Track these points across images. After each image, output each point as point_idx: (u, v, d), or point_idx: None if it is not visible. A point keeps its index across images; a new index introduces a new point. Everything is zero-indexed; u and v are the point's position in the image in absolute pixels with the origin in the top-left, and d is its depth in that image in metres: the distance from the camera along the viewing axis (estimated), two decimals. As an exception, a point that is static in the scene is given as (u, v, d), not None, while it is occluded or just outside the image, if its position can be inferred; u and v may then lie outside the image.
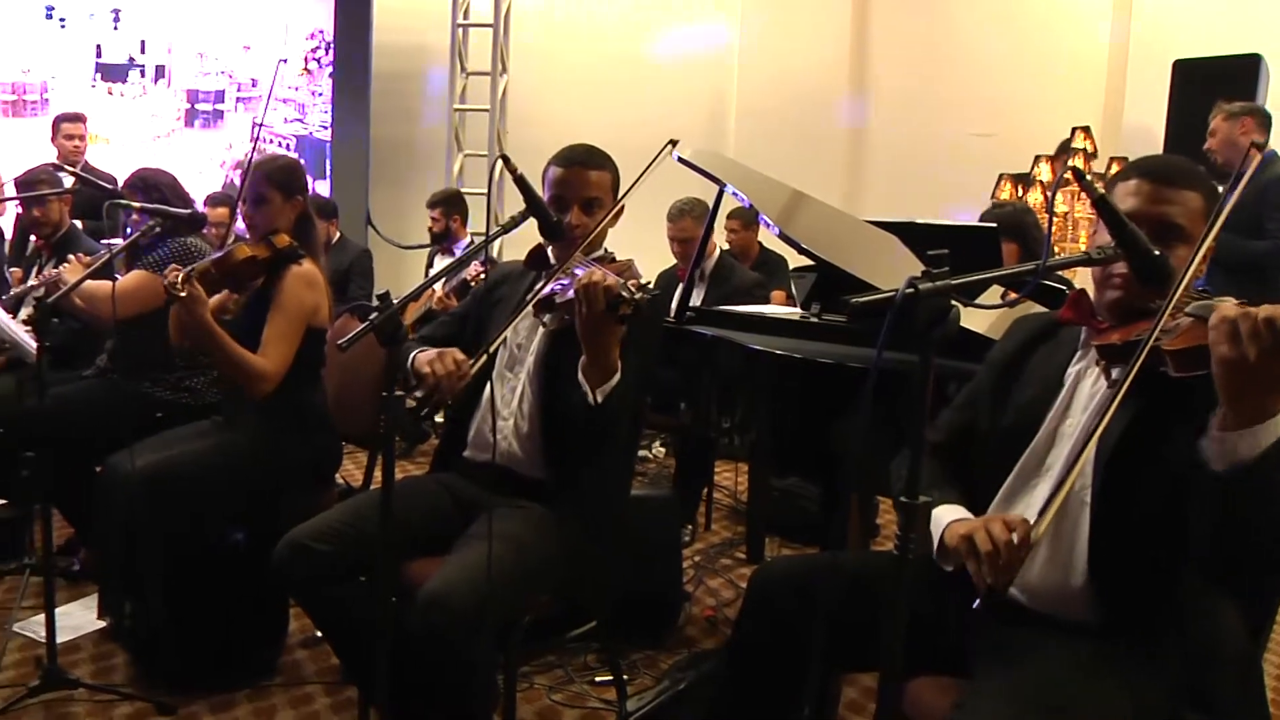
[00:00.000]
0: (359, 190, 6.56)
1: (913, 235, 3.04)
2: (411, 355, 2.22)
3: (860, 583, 1.84)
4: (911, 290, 1.37)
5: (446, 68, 6.74)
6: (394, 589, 2.03)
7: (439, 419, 5.74)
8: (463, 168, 6.75)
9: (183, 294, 2.62)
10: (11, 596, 3.34)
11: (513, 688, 2.33)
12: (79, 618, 3.20)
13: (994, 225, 3.28)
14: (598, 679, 2.93)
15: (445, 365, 2.11)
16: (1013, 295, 3.02)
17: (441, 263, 5.69)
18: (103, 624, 3.17)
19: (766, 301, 4.54)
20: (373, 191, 6.75)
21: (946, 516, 1.74)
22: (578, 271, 2.09)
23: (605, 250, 2.38)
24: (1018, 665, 1.62)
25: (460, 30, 6.70)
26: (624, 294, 1.94)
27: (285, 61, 2.64)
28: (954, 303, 1.41)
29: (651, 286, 2.00)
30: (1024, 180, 6.11)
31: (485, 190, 6.49)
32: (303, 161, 4.38)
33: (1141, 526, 1.63)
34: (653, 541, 3.14)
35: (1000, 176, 6.17)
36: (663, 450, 5.36)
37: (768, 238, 5.64)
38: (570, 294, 2.03)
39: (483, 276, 4.01)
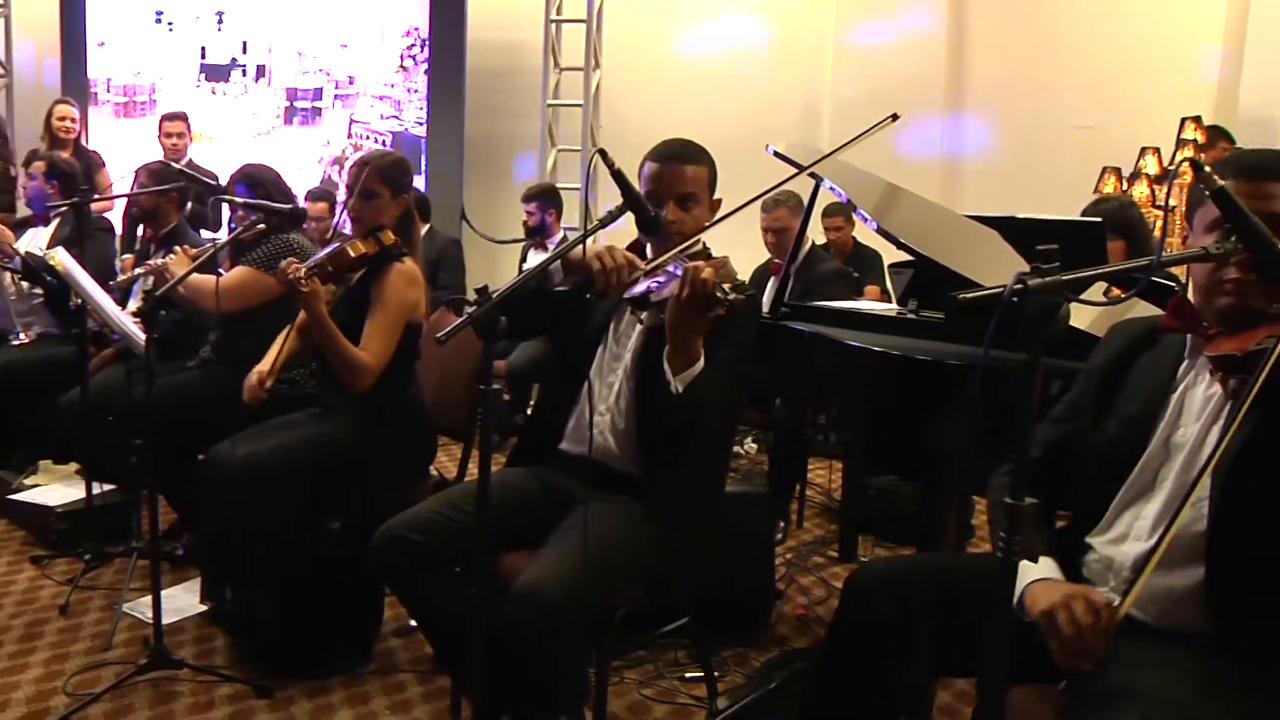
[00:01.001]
0: (453, 185, 6.64)
1: (1013, 230, 2.97)
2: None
3: (960, 586, 1.80)
4: (1021, 286, 1.33)
5: (540, 63, 6.78)
6: (488, 581, 2.04)
7: (530, 411, 5.80)
8: (556, 163, 6.79)
9: (307, 289, 2.69)
10: (121, 578, 3.46)
11: (604, 681, 2.34)
12: (182, 600, 3.31)
13: (1098, 220, 3.17)
14: (688, 675, 2.92)
15: (616, 259, 2.13)
16: (1116, 292, 2.94)
17: (535, 257, 5.72)
18: (204, 607, 3.27)
19: (848, 294, 4.47)
20: (467, 187, 6.82)
21: (1031, 572, 1.68)
22: (675, 269, 2.08)
23: (702, 245, 2.36)
24: (1127, 677, 1.57)
25: (553, 26, 6.74)
26: (719, 294, 1.93)
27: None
28: (1064, 300, 1.37)
29: (745, 285, 1.98)
30: (1126, 174, 5.93)
31: (579, 185, 6.53)
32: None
33: (1261, 540, 1.56)
34: (745, 538, 3.12)
35: (1103, 170, 5.99)
36: (754, 446, 5.32)
37: (862, 232, 5.57)
38: (666, 292, 2.02)
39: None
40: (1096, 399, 1.84)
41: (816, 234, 5.19)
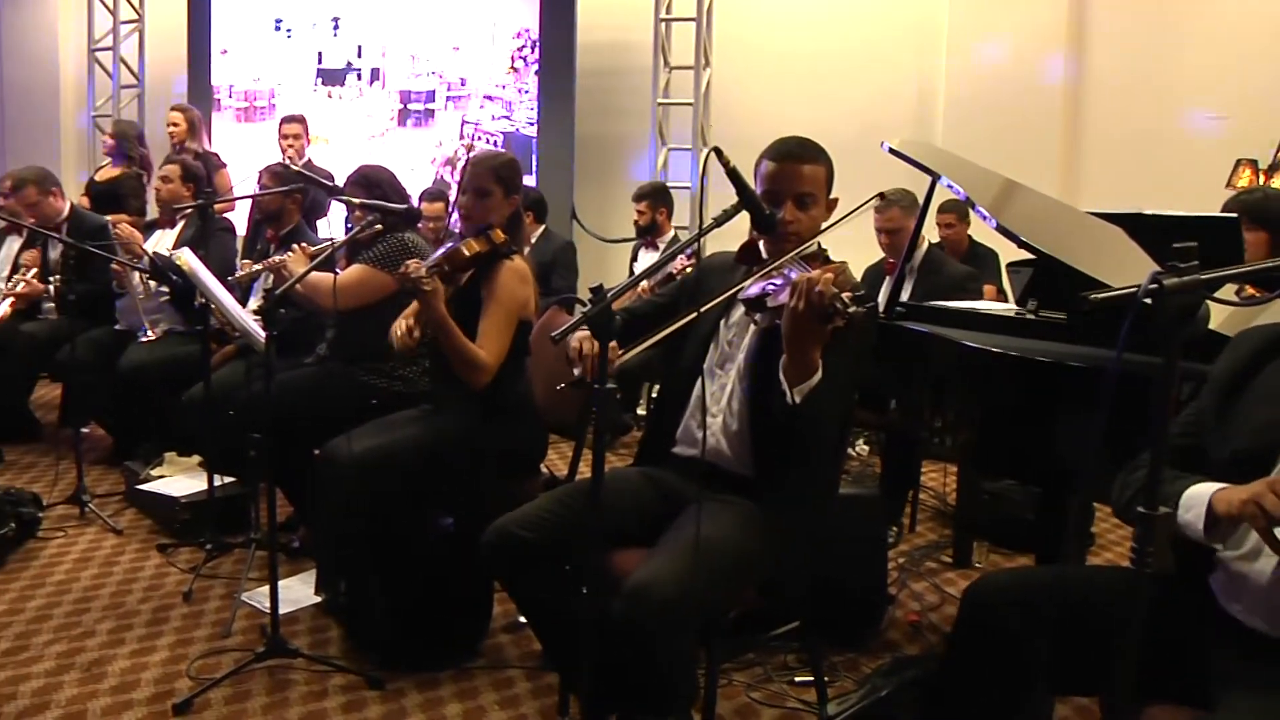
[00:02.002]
0: (564, 185, 6.68)
1: (1139, 227, 2.86)
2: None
3: (1085, 598, 1.74)
4: (1156, 286, 1.27)
5: (650, 63, 6.78)
6: (600, 579, 2.04)
7: (640, 411, 5.82)
8: (666, 161, 6.78)
9: (428, 288, 2.74)
10: (240, 568, 3.58)
11: (713, 683, 2.33)
12: (298, 591, 3.39)
13: (1233, 216, 3.03)
14: (797, 679, 2.89)
15: (593, 346, 2.11)
16: (1251, 291, 2.81)
17: (646, 256, 5.73)
18: (319, 599, 3.34)
19: (978, 296, 4.37)
20: (577, 186, 6.86)
21: (1205, 490, 1.60)
22: (791, 273, 2.05)
23: (819, 247, 2.32)
24: (1266, 699, 1.50)
25: (663, 25, 6.74)
26: (838, 305, 1.88)
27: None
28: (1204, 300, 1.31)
29: (865, 295, 1.93)
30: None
31: (690, 183, 6.51)
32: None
33: None
34: (857, 541, 3.07)
35: (1237, 162, 5.74)
36: (866, 448, 5.24)
37: (976, 230, 5.43)
38: (782, 298, 1.99)
39: (688, 269, 4.01)
40: (1221, 407, 1.76)
41: (929, 231, 5.07)
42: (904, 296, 3.97)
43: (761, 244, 2.38)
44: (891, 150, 3.14)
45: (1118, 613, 1.37)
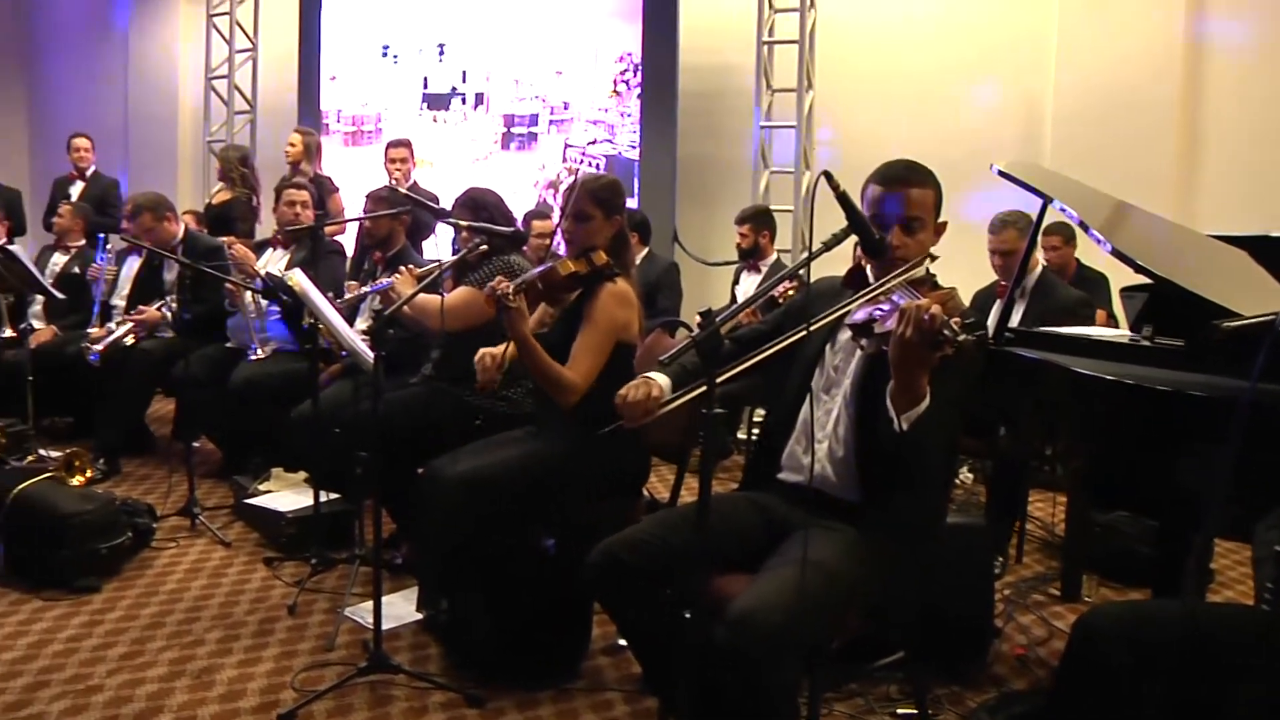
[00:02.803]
0: (666, 208, 6.70)
1: (1267, 250, 2.76)
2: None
3: (1205, 637, 1.68)
4: (1295, 313, 1.23)
5: (752, 85, 6.78)
6: (703, 603, 2.04)
7: (741, 435, 5.80)
8: (769, 185, 6.76)
9: (514, 305, 2.78)
10: (344, 583, 3.66)
11: (815, 713, 2.30)
12: (400, 608, 3.45)
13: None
14: (900, 711, 2.84)
15: (638, 393, 2.24)
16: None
17: (748, 279, 5.72)
18: (420, 616, 3.39)
19: (1090, 322, 4.26)
20: (679, 209, 6.88)
21: None
22: (898, 299, 2.03)
23: (926, 272, 2.29)
24: None
25: (765, 48, 6.73)
26: (947, 332, 1.85)
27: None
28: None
29: (975, 321, 1.90)
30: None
31: (792, 207, 6.49)
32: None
33: None
34: (963, 571, 3.01)
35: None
36: (970, 476, 5.14)
37: (1085, 253, 5.29)
38: (890, 324, 1.97)
39: (790, 293, 4.00)
40: None
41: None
42: (1014, 321, 3.88)
43: (868, 269, 2.36)
44: (1001, 172, 3.09)
45: (1244, 655, 1.32)
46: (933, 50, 6.81)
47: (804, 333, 2.14)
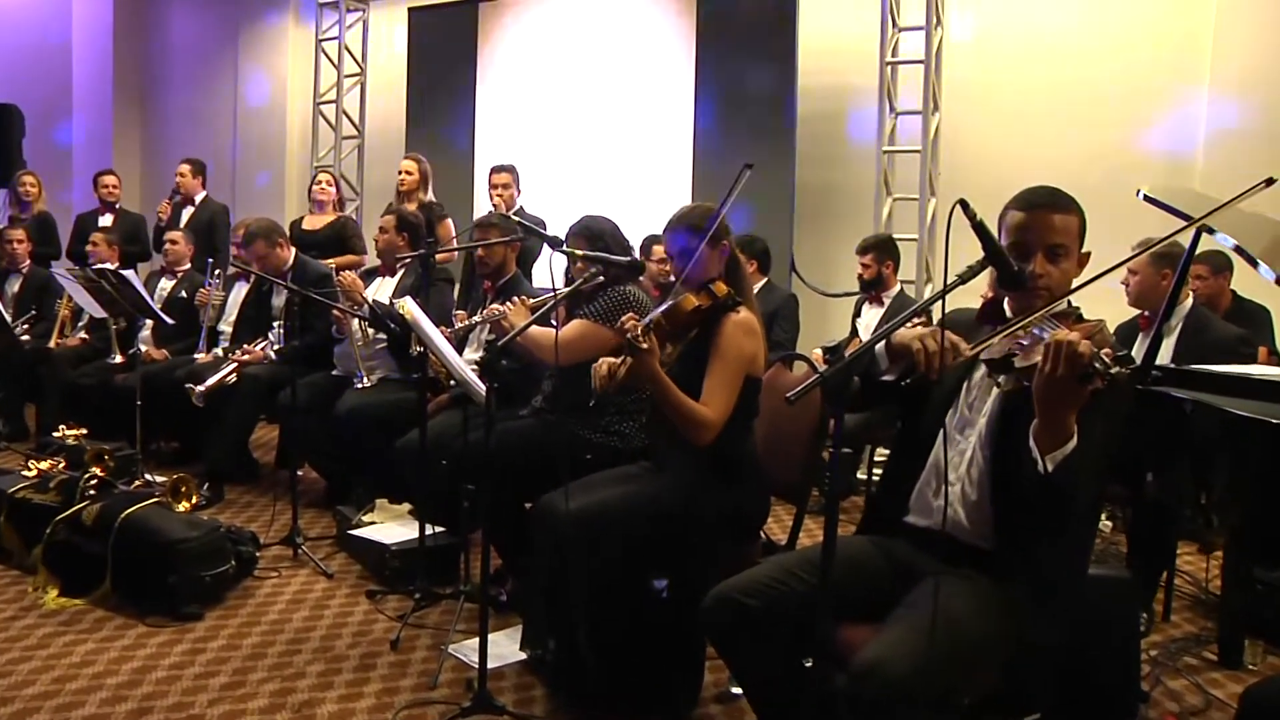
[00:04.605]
0: (783, 236, 6.66)
1: None
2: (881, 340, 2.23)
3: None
4: None
5: (874, 108, 6.73)
6: (826, 652, 2.02)
7: (861, 475, 5.72)
8: (892, 211, 6.69)
9: (644, 346, 2.79)
10: (447, 619, 3.71)
11: (945, 773, 2.24)
12: (503, 647, 3.47)
13: None
14: (1036, 777, 2.75)
15: (936, 340, 2.10)
16: None
17: (870, 312, 5.66)
18: (524, 655, 3.41)
19: (1251, 360, 4.09)
20: (797, 237, 6.85)
21: None
22: (1039, 332, 1.99)
23: (1069, 304, 2.24)
24: None
25: (889, 68, 6.67)
26: (1097, 365, 1.80)
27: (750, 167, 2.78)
28: None
29: (1127, 355, 1.85)
30: None
31: (916, 235, 6.41)
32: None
33: None
34: (1105, 628, 2.91)
35: None
36: (1109, 524, 4.97)
37: (1243, 284, 5.08)
38: (1034, 358, 1.93)
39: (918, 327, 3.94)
40: None
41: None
42: (1163, 359, 3.76)
43: (1005, 301, 2.32)
44: (1148, 198, 3.02)
45: None
46: (1070, 66, 6.62)
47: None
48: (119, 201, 7.84)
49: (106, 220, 7.66)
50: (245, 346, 5.55)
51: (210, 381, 5.22)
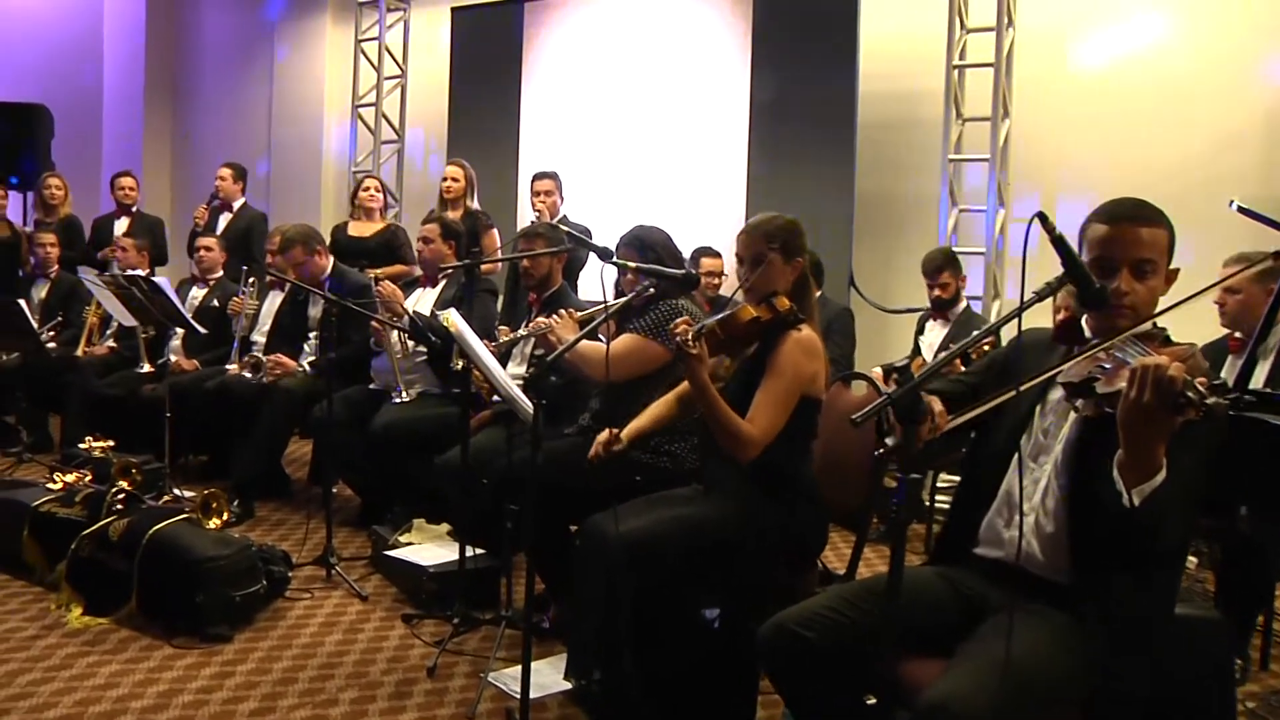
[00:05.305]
0: (842, 248, 6.62)
1: None
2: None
3: None
4: None
5: (939, 114, 6.68)
6: (890, 688, 2.00)
7: (926, 501, 5.66)
8: (957, 223, 6.63)
9: (694, 351, 2.80)
10: (487, 645, 3.72)
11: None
12: (546, 676, 3.47)
13: None
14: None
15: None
16: None
17: (934, 328, 5.62)
18: (568, 685, 3.40)
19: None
20: (856, 250, 6.80)
21: None
22: (1123, 356, 1.97)
23: (1154, 326, 2.22)
24: None
25: (956, 72, 6.63)
26: (1190, 394, 1.76)
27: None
28: None
29: (1221, 384, 1.81)
30: None
31: (983, 249, 6.35)
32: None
33: None
34: (1195, 673, 2.86)
35: None
36: (1193, 560, 4.88)
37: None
38: (1118, 384, 1.90)
39: (987, 347, 3.92)
40: None
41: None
42: (1257, 382, 3.68)
43: (1084, 320, 2.30)
44: (1241, 209, 2.98)
45: None
46: (1152, 67, 6.48)
47: (1012, 393, 2.09)
48: (136, 204, 7.95)
49: (123, 224, 7.79)
50: (279, 356, 5.60)
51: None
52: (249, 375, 5.49)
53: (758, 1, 7.17)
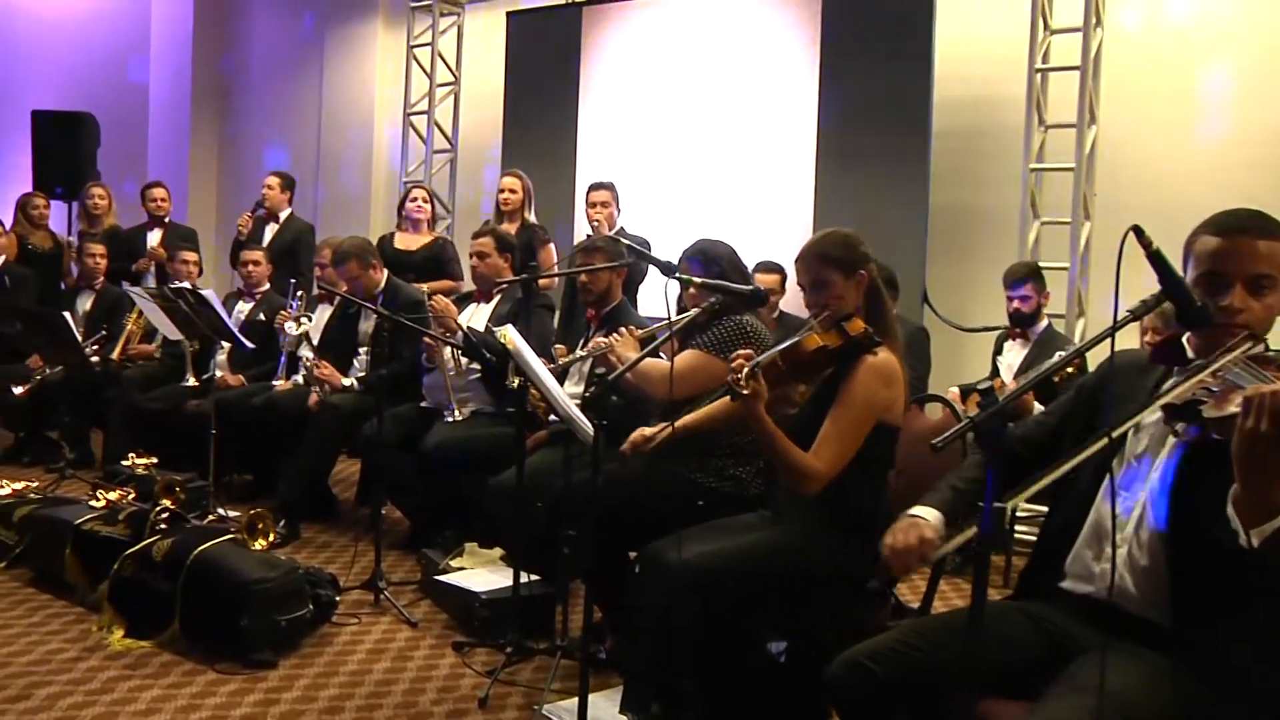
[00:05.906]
0: (915, 263, 6.54)
1: None
2: None
3: None
4: None
5: (1020, 121, 6.60)
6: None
7: (1017, 532, 5.59)
8: (1039, 236, 6.55)
9: (745, 392, 2.76)
10: (541, 676, 3.72)
11: None
12: (602, 709, 3.43)
13: None
14: None
15: (908, 539, 2.15)
16: None
17: (1013, 348, 5.55)
18: (625, 719, 3.40)
19: None
20: (930, 264, 6.75)
21: None
22: (1235, 379, 1.92)
23: (1265, 346, 2.17)
24: None
25: (1038, 76, 6.55)
26: None
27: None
28: None
29: None
30: None
31: (1067, 264, 6.26)
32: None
33: None
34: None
35: None
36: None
37: None
38: (1226, 408, 1.87)
39: (1070, 370, 3.86)
40: None
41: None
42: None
43: (1186, 339, 2.26)
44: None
45: None
46: (1255, 72, 6.38)
47: (1104, 441, 2.04)
48: (168, 215, 8.08)
49: (155, 235, 7.92)
50: (324, 362, 5.64)
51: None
52: (300, 380, 5.54)
53: (827, 2, 7.11)
